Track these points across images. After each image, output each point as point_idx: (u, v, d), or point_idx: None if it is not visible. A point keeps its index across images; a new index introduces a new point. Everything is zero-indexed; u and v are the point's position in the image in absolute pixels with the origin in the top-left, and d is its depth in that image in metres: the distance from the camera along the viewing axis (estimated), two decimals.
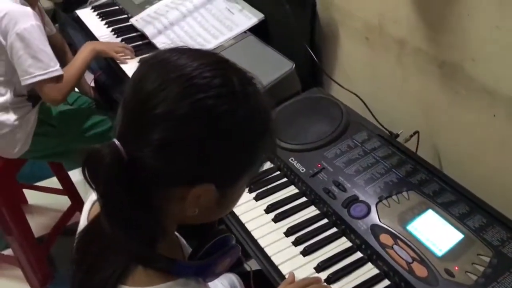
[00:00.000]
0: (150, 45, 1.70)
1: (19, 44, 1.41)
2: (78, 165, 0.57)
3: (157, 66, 0.60)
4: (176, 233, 0.76)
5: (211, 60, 0.61)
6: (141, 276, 0.63)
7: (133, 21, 1.81)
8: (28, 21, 1.41)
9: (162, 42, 1.67)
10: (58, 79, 1.49)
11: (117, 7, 1.98)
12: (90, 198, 0.75)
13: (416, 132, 1.20)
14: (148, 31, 1.72)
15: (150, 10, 1.83)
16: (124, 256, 0.63)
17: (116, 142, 0.56)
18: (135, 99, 0.58)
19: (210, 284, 0.91)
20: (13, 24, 1.40)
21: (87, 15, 1.94)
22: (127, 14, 1.90)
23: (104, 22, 1.88)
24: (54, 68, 1.47)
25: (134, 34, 1.79)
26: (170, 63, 0.60)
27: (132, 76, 0.61)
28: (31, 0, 1.51)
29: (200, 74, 0.58)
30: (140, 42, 1.74)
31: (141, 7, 1.89)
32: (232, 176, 0.63)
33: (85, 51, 1.60)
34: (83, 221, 0.74)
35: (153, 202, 0.60)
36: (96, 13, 1.95)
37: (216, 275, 0.73)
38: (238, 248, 0.74)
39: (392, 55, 1.25)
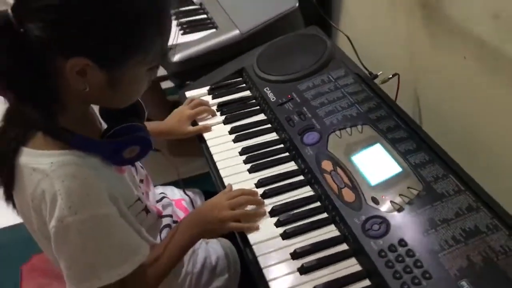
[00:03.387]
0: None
1: None
2: None
3: None
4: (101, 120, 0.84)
5: None
6: (40, 141, 0.71)
7: None
8: None
9: None
10: None
11: None
12: None
13: (396, 74, 1.18)
14: None
15: None
16: (27, 124, 0.71)
17: (8, 9, 0.64)
18: None
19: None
20: None
21: None
22: None
23: None
24: None
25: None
26: None
27: None
28: None
29: None
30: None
31: None
32: (112, 56, 0.67)
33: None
34: None
35: (44, 72, 0.66)
36: None
37: (125, 162, 0.80)
38: (149, 139, 0.80)
39: None
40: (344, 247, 0.88)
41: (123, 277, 0.75)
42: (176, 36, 0.74)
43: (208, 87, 1.29)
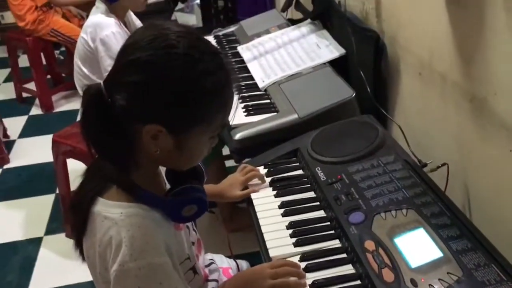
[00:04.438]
0: (245, 69, 1.95)
1: (101, 47, 1.84)
2: None
3: (148, 28, 0.80)
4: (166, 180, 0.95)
5: (188, 31, 0.79)
6: (114, 193, 0.82)
7: (239, 48, 2.09)
8: (109, 29, 1.84)
9: (254, 67, 1.91)
10: None
11: (233, 37, 2.30)
12: None
13: (445, 164, 1.22)
14: (246, 56, 1.98)
15: (255, 41, 2.10)
16: (105, 177, 0.83)
17: (101, 82, 0.78)
18: (121, 49, 0.79)
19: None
20: (98, 31, 1.86)
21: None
22: (238, 43, 2.20)
23: (218, 47, 2.20)
24: None
25: (237, 59, 2.06)
26: (158, 26, 0.79)
27: None
28: (117, 13, 1.95)
29: (171, 35, 0.76)
30: (238, 65, 2.00)
31: (251, 38, 2.17)
32: (181, 125, 0.79)
33: None
34: None
35: (123, 135, 0.78)
36: (215, 40, 2.29)
37: (183, 220, 0.89)
38: (205, 200, 0.89)
39: (437, 90, 1.30)
40: None
41: None
42: (235, 112, 0.84)
43: (263, 164, 1.38)
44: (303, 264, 1.03)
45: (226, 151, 2.19)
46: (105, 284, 0.82)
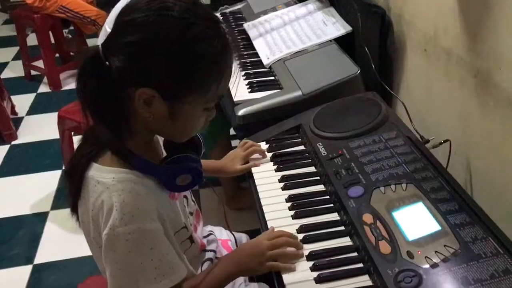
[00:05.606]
0: (251, 46, 1.94)
1: None
2: None
3: None
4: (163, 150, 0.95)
5: None
6: (108, 159, 0.83)
7: (245, 25, 2.07)
8: None
9: (259, 44, 1.90)
10: None
11: (240, 15, 2.28)
12: None
13: (447, 141, 1.21)
14: (252, 33, 1.96)
15: (261, 18, 2.08)
16: (99, 143, 0.83)
17: (100, 46, 0.77)
18: (119, 12, 0.78)
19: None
20: None
21: None
22: (245, 20, 2.18)
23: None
24: None
25: (243, 36, 2.04)
26: None
27: None
28: None
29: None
30: (243, 43, 1.99)
31: (257, 16, 2.15)
32: (174, 91, 0.78)
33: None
34: None
35: (117, 98, 0.78)
36: (221, 17, 2.27)
37: (178, 189, 0.89)
38: (200, 171, 0.89)
39: (442, 66, 1.28)
40: None
41: None
42: (237, 86, 0.84)
43: (265, 140, 1.38)
44: (300, 236, 1.04)
45: (233, 131, 2.21)
46: (99, 249, 0.82)
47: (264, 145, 1.36)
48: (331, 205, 1.12)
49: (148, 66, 0.76)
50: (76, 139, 2.14)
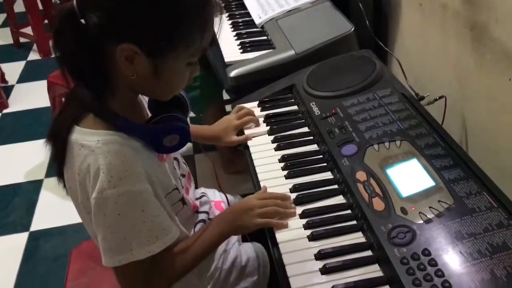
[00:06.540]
0: (242, 5, 1.89)
1: None
2: None
3: None
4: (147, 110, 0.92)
5: None
6: (91, 121, 0.80)
7: None
8: None
9: (251, 3, 1.85)
10: None
11: None
12: None
13: (442, 97, 1.19)
14: None
15: None
16: (81, 105, 0.80)
17: (74, 3, 0.73)
18: None
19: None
20: None
21: None
22: None
23: None
24: None
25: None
26: None
27: None
28: None
29: None
30: (235, 2, 1.94)
31: None
32: (156, 45, 0.74)
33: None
34: None
35: (97, 56, 0.75)
36: None
37: (165, 149, 0.87)
38: (188, 130, 0.87)
39: (438, 21, 1.25)
40: (368, 253, 0.88)
41: (153, 254, 0.81)
42: (218, 34, 0.81)
43: (258, 101, 1.35)
44: (293, 195, 1.02)
45: (227, 96, 2.18)
46: (88, 214, 0.81)
47: (256, 107, 1.33)
48: (324, 164, 1.10)
49: (127, 19, 0.72)
50: None
